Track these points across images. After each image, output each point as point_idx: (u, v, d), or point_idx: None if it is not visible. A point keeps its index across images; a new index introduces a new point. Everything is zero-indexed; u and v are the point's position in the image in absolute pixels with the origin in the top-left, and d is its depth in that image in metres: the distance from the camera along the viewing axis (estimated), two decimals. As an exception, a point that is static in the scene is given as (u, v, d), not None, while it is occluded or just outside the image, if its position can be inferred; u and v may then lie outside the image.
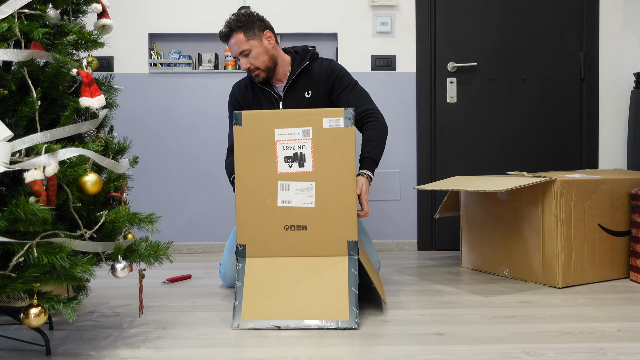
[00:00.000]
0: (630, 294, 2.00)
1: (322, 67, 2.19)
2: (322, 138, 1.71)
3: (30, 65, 1.32)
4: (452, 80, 3.04)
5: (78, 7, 1.56)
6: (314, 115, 1.72)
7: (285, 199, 1.72)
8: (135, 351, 1.46)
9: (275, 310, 1.65)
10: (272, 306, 1.66)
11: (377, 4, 3.01)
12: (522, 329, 1.60)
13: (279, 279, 1.69)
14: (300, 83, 2.18)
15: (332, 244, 1.71)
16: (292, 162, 1.72)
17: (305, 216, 1.72)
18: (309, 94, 2.17)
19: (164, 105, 3.03)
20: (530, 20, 3.05)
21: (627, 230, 2.27)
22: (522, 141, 3.07)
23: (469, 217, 2.51)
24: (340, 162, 1.71)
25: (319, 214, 1.71)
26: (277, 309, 1.65)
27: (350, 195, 1.71)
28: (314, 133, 1.71)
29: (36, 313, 1.28)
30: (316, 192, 1.71)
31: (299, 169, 1.71)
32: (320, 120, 1.71)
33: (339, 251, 1.71)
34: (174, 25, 3.02)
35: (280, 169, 1.72)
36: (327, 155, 1.71)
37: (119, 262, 1.44)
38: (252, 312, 1.65)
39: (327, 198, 1.71)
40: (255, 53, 2.11)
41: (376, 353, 1.42)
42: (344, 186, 1.71)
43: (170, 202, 3.04)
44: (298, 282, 1.69)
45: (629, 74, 3.09)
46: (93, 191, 1.33)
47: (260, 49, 2.12)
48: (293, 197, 1.72)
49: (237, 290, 1.68)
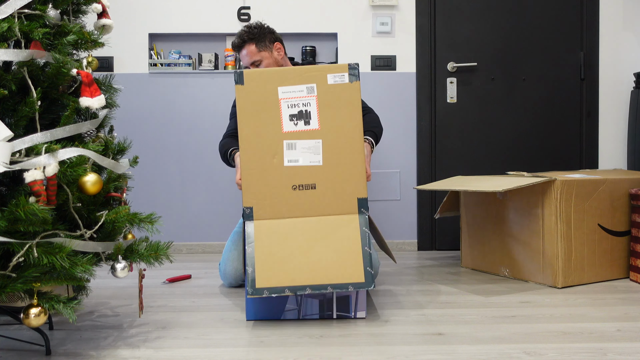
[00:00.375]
0: (630, 294, 2.00)
1: None
2: (327, 95, 1.68)
3: (30, 65, 1.32)
4: (452, 80, 3.04)
5: (78, 7, 1.56)
6: (318, 71, 1.69)
7: (292, 158, 1.69)
8: (135, 351, 1.46)
9: (289, 275, 1.61)
10: (286, 271, 1.62)
11: (377, 4, 3.01)
12: (522, 329, 1.60)
13: (290, 241, 1.65)
14: None
15: (342, 202, 1.68)
16: (298, 120, 1.69)
17: (313, 175, 1.68)
18: None
19: (164, 105, 3.03)
20: (530, 20, 3.05)
21: (627, 230, 2.27)
22: (522, 141, 3.07)
23: (469, 217, 2.51)
24: (347, 119, 1.68)
25: (327, 172, 1.68)
26: (291, 274, 1.62)
27: (358, 152, 1.69)
28: (318, 90, 1.68)
29: (36, 313, 1.28)
30: (323, 149, 1.68)
31: (305, 127, 1.68)
32: (325, 76, 1.68)
33: (349, 209, 1.68)
34: (174, 25, 3.02)
35: (285, 127, 1.68)
36: (333, 112, 1.68)
37: (119, 262, 1.44)
38: (267, 279, 1.61)
39: (334, 155, 1.68)
40: (266, 64, 2.22)
41: (376, 353, 1.42)
42: (351, 143, 1.68)
43: (170, 202, 3.04)
44: (310, 244, 1.65)
45: (629, 74, 3.09)
46: (93, 191, 1.33)
47: (270, 60, 2.23)
48: (300, 156, 1.68)
49: (247, 256, 1.64)
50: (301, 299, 1.73)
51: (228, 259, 2.16)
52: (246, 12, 3.02)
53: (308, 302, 1.73)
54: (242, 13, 3.02)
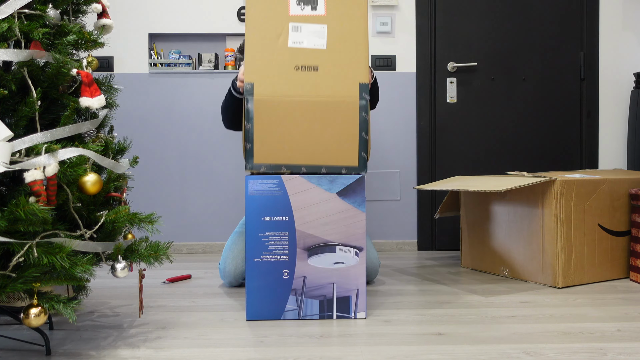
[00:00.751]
0: (630, 294, 2.01)
1: None
2: None
3: (30, 65, 1.32)
4: (452, 80, 3.04)
5: (78, 7, 1.56)
6: None
7: (296, 40, 1.71)
8: (135, 351, 1.46)
9: (286, 153, 1.67)
10: (283, 149, 1.67)
11: (377, 4, 3.01)
12: (522, 329, 1.60)
13: (289, 120, 1.69)
14: None
15: (343, 85, 1.71)
16: (305, 5, 1.72)
17: (316, 57, 1.71)
18: None
19: (164, 105, 3.03)
20: (530, 20, 3.05)
21: (627, 230, 2.27)
22: (522, 141, 3.07)
23: (469, 217, 2.51)
24: (353, 6, 1.72)
25: (330, 55, 1.71)
26: (288, 152, 1.66)
27: (362, 39, 1.72)
28: None
29: (36, 313, 1.28)
30: (328, 34, 1.72)
31: (311, 11, 1.72)
32: None
33: (350, 93, 1.70)
34: (174, 25, 3.02)
35: (292, 10, 1.72)
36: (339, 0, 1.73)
37: (119, 262, 1.44)
38: (264, 155, 1.66)
39: (338, 41, 1.72)
40: None
41: (376, 353, 1.42)
42: (356, 30, 1.72)
43: (170, 202, 3.04)
44: (309, 124, 1.68)
45: (629, 74, 3.09)
46: (93, 191, 1.33)
47: None
48: (304, 38, 1.71)
49: (247, 132, 1.68)
50: (301, 299, 1.73)
51: (228, 258, 2.16)
52: (246, 12, 3.02)
53: (308, 303, 1.73)
54: (242, 13, 3.02)
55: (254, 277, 1.73)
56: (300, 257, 1.73)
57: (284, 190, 1.72)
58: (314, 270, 1.74)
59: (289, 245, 1.73)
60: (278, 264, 1.73)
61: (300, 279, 1.73)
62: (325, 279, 1.74)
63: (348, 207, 1.74)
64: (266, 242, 1.73)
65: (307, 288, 1.74)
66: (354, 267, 1.74)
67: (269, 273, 1.73)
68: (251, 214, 1.73)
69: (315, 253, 1.74)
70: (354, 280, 1.74)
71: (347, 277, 1.74)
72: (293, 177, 1.72)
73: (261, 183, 1.72)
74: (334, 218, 1.74)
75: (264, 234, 1.73)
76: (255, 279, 1.73)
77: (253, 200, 1.72)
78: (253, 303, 1.73)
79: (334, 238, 1.74)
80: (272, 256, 1.73)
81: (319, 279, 1.73)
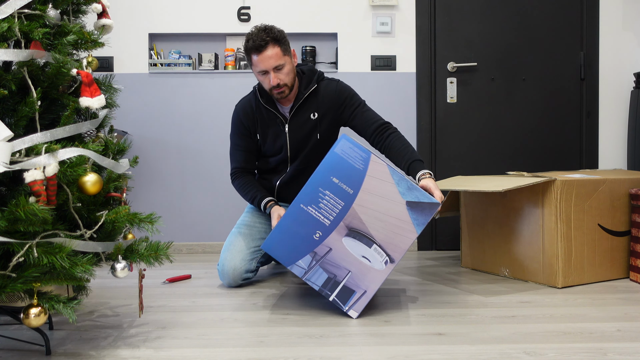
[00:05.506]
0: (630, 294, 2.01)
1: (330, 88, 2.18)
2: None
3: (30, 65, 1.32)
4: (452, 80, 3.04)
5: (78, 7, 1.56)
6: None
7: None
8: (135, 351, 1.46)
9: None
10: None
11: (377, 4, 3.01)
12: (522, 329, 1.60)
13: None
14: (307, 105, 2.17)
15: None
16: None
17: None
18: (314, 115, 2.17)
19: (163, 105, 3.03)
20: (530, 20, 3.05)
21: (627, 230, 2.27)
22: (521, 141, 3.07)
23: (469, 217, 2.51)
24: None
25: None
26: None
27: None
28: None
29: (36, 313, 1.28)
30: None
31: None
32: None
33: None
34: (174, 25, 3.02)
35: None
36: None
37: (119, 262, 1.44)
38: None
39: None
40: (287, 70, 2.07)
41: (376, 353, 1.42)
42: None
43: (170, 202, 3.04)
44: None
45: (629, 74, 3.09)
46: (93, 191, 1.33)
47: (290, 66, 2.09)
48: None
49: None
50: (314, 265, 1.75)
51: (226, 259, 2.16)
52: (246, 12, 3.02)
53: (318, 271, 1.76)
54: (242, 13, 3.02)
55: (292, 220, 1.75)
56: (338, 231, 1.74)
57: (366, 167, 1.73)
58: (341, 249, 1.75)
59: (337, 215, 1.74)
60: (317, 223, 1.74)
61: (326, 247, 1.75)
62: (346, 263, 1.75)
63: (408, 220, 1.73)
64: (321, 198, 1.74)
65: (325, 259, 1.75)
66: (376, 271, 1.75)
67: (304, 224, 1.75)
68: (325, 166, 1.74)
69: (353, 236, 1.74)
70: (368, 282, 1.75)
71: (365, 275, 1.75)
72: (380, 163, 1.73)
73: (351, 148, 1.74)
74: (390, 220, 1.74)
75: (324, 191, 1.74)
76: (291, 223, 1.75)
77: (335, 157, 1.74)
78: (275, 239, 1.76)
79: (378, 236, 1.74)
80: (317, 213, 1.74)
81: (341, 259, 1.75)
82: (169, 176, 3.05)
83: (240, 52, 3.06)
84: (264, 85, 2.12)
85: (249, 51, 2.06)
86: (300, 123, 2.17)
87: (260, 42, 2.02)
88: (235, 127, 2.25)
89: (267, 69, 2.04)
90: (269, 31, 2.04)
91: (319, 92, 2.17)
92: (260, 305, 1.91)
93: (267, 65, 2.04)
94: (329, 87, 2.18)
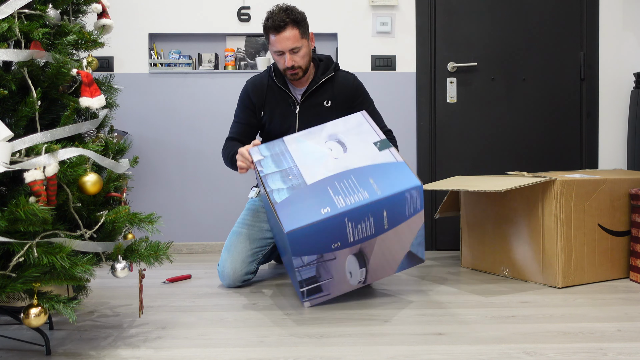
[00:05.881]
0: (630, 294, 2.01)
1: (348, 80, 2.22)
2: None
3: (30, 65, 1.32)
4: (452, 80, 3.04)
5: (78, 7, 1.56)
6: None
7: None
8: (135, 351, 1.46)
9: None
10: None
11: (377, 4, 3.01)
12: (522, 329, 1.60)
13: None
14: (321, 91, 2.19)
15: None
16: None
17: None
18: (328, 103, 2.19)
19: (164, 105, 3.03)
20: (530, 20, 3.05)
21: (627, 230, 2.27)
22: (522, 141, 3.07)
23: (469, 217, 2.51)
24: None
25: None
26: None
27: None
28: None
29: (36, 313, 1.28)
30: None
31: None
32: None
33: None
34: (174, 25, 3.02)
35: None
36: None
37: (119, 262, 1.44)
38: None
39: None
40: (303, 52, 2.08)
41: (376, 353, 1.42)
42: None
43: (170, 202, 3.04)
44: None
45: (629, 74, 3.09)
46: (93, 191, 1.33)
47: (307, 49, 2.10)
48: None
49: None
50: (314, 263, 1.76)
51: (226, 261, 2.16)
52: (246, 12, 3.02)
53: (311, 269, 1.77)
54: (242, 13, 3.02)
55: (329, 225, 1.69)
56: (352, 249, 1.78)
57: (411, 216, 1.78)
58: (342, 261, 1.79)
59: (362, 238, 1.76)
60: (344, 237, 1.74)
61: (333, 255, 1.77)
62: (334, 271, 1.81)
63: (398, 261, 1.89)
64: (363, 221, 1.73)
65: (325, 263, 1.78)
66: (348, 285, 1.89)
67: (335, 233, 1.72)
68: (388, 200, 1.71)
69: (357, 257, 1.81)
70: (337, 290, 1.89)
71: (339, 284, 1.86)
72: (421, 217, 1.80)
73: (416, 198, 1.76)
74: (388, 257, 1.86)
75: (370, 217, 1.73)
76: (327, 227, 1.69)
77: (400, 197, 1.73)
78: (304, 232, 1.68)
79: (372, 263, 1.85)
80: (351, 230, 1.73)
81: (334, 267, 1.80)
82: (169, 176, 3.05)
83: (240, 52, 3.06)
84: (278, 65, 2.15)
85: (267, 29, 2.05)
86: (311, 106, 2.19)
87: (279, 22, 2.01)
88: (241, 101, 2.27)
89: (284, 50, 2.05)
90: (290, 12, 2.03)
91: (335, 81, 2.21)
92: (261, 306, 1.91)
93: (284, 47, 2.04)
94: (347, 78, 2.23)
